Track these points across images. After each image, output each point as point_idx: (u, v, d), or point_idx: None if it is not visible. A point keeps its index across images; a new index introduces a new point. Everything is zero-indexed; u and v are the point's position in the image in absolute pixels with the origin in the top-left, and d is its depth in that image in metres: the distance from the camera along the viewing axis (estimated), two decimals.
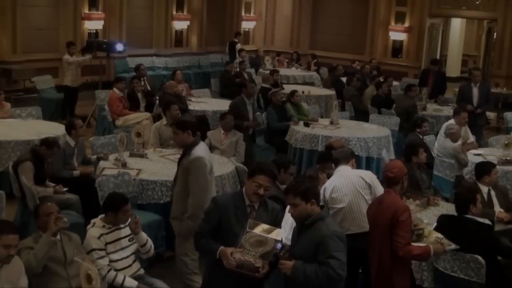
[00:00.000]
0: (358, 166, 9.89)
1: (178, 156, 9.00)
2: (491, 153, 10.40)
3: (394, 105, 14.08)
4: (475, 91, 12.49)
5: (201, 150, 6.33)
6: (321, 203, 5.94)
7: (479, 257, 6.21)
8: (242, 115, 10.13)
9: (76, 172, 8.44)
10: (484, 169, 7.77)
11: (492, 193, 7.70)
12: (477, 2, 21.29)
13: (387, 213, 5.58)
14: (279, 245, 4.78)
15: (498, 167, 8.74)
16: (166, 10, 20.87)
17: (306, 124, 11.73)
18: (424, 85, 15.68)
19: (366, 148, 11.00)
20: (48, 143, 8.14)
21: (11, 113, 11.19)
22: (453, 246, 6.13)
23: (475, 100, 12.49)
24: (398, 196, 5.73)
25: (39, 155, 8.00)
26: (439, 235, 6.15)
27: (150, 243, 5.99)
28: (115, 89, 12.43)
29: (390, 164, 5.98)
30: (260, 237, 4.73)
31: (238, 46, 21.25)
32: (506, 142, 10.37)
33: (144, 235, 5.91)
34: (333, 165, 6.71)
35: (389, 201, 5.69)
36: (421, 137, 10.58)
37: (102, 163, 8.61)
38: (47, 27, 17.60)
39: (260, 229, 4.76)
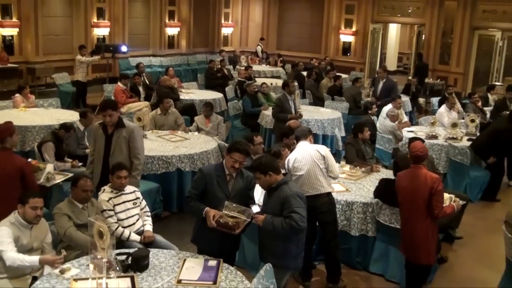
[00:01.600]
0: (316, 141, 9.95)
1: (171, 136, 9.09)
2: (420, 130, 10.55)
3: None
4: (380, 86, 12.30)
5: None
6: (286, 171, 6.02)
7: None
8: (285, 109, 9.96)
9: (87, 150, 8.40)
10: (413, 141, 7.85)
11: None
12: (409, 11, 21.41)
13: (426, 184, 5.59)
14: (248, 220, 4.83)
15: (426, 141, 8.85)
16: (160, 19, 20.80)
17: None
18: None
19: (322, 128, 11.06)
20: (66, 127, 8.15)
21: (35, 104, 11.18)
22: (461, 202, 6.36)
23: (378, 92, 12.28)
24: (427, 170, 5.81)
25: (59, 137, 8.01)
26: (452, 195, 6.27)
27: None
28: (119, 83, 12.41)
29: (417, 145, 5.91)
30: (234, 214, 4.79)
31: (259, 48, 21.55)
32: (432, 121, 10.51)
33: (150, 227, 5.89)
34: (295, 141, 6.75)
35: (425, 175, 5.69)
36: (372, 117, 10.70)
37: None
38: (63, 34, 17.48)
39: (235, 209, 4.81)
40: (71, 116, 10.13)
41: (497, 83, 17.57)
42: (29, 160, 7.05)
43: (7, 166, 5.85)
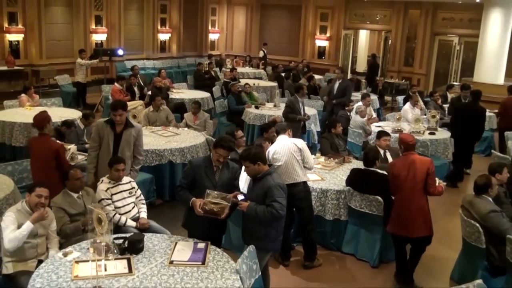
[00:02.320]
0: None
1: (164, 132, 9.06)
2: (387, 125, 10.58)
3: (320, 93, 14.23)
4: (336, 85, 12.08)
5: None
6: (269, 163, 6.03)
7: (379, 197, 6.34)
8: (295, 110, 9.82)
9: (87, 145, 8.35)
10: (380, 136, 7.90)
11: (387, 153, 7.83)
12: (377, 18, 21.49)
13: (424, 167, 5.82)
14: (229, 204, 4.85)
15: (392, 134, 8.90)
16: (153, 26, 20.67)
17: (257, 107, 11.80)
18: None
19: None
20: (67, 124, 8.14)
21: (39, 103, 11.06)
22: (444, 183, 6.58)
23: (334, 92, 12.03)
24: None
25: (61, 132, 7.97)
26: (437, 178, 6.33)
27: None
28: (116, 84, 12.33)
29: (406, 137, 6.16)
30: (216, 201, 4.79)
31: (261, 53, 21.34)
32: (397, 117, 10.56)
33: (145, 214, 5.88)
34: (275, 134, 6.77)
35: (419, 159, 5.98)
36: (349, 113, 10.71)
37: None
38: (65, 39, 17.34)
39: (217, 196, 4.81)
40: (72, 114, 10.06)
41: (455, 83, 17.65)
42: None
43: (46, 149, 6.37)
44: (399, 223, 5.93)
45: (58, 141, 7.28)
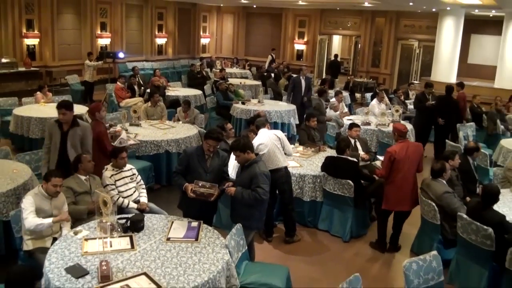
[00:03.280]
0: (275, 127, 10.00)
1: (161, 125, 9.01)
2: (357, 118, 10.59)
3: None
4: (303, 82, 11.93)
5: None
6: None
7: (350, 181, 6.37)
8: (323, 112, 9.72)
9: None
10: (351, 127, 7.93)
11: (358, 142, 7.86)
12: (348, 25, 21.50)
13: (418, 151, 6.10)
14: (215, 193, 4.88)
15: (361, 126, 8.94)
16: (151, 31, 20.51)
17: (243, 103, 11.74)
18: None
19: (280, 117, 11.05)
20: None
21: (52, 99, 10.94)
22: None
23: (303, 88, 11.89)
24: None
25: None
26: None
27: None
28: (118, 83, 12.23)
29: (399, 126, 6.25)
30: (203, 190, 4.83)
31: (269, 58, 20.91)
32: (366, 112, 10.61)
33: (145, 199, 5.81)
34: (255, 128, 6.78)
35: (413, 144, 6.23)
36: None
37: (112, 130, 8.45)
38: (74, 43, 17.18)
39: (204, 185, 4.85)
40: (81, 109, 9.89)
41: (415, 82, 17.81)
42: (113, 128, 7.72)
43: (93, 132, 6.22)
44: (397, 200, 6.01)
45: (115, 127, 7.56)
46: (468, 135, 10.05)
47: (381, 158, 7.22)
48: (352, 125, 7.99)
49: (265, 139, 6.19)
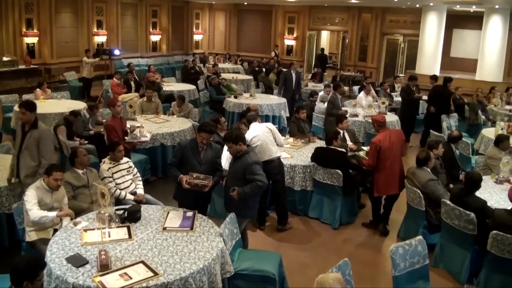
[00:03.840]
0: (267, 120, 9.99)
1: (156, 119, 8.96)
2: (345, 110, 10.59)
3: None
4: (294, 76, 11.96)
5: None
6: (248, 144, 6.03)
7: (338, 171, 6.38)
8: (337, 106, 9.49)
9: (92, 132, 8.21)
10: (340, 119, 7.92)
11: (346, 133, 7.86)
12: (336, 21, 21.46)
13: (400, 138, 6.28)
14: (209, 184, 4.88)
15: (349, 118, 8.94)
16: (146, 29, 20.37)
17: (235, 97, 11.71)
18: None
19: (271, 110, 11.04)
20: (74, 113, 7.98)
21: (51, 96, 10.85)
22: None
23: (294, 82, 11.91)
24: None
25: (69, 121, 7.79)
26: None
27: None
28: (114, 79, 12.16)
29: (378, 117, 6.50)
30: (197, 181, 4.83)
31: (272, 54, 20.86)
32: (353, 104, 10.64)
33: (142, 191, 5.78)
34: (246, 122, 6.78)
35: (394, 131, 6.45)
36: (314, 103, 10.66)
37: (132, 125, 8.40)
38: (71, 41, 17.02)
39: (198, 177, 4.86)
40: (78, 105, 9.88)
41: (400, 75, 17.82)
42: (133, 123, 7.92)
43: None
44: (388, 186, 6.16)
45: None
46: (451, 125, 10.09)
47: (365, 148, 7.26)
48: (341, 117, 7.97)
49: (258, 132, 6.20)
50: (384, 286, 5.10)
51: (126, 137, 6.84)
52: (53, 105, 9.93)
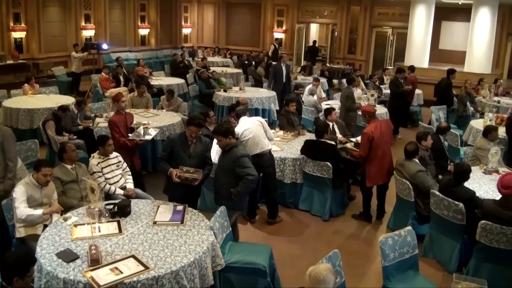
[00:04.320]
0: (256, 114, 9.99)
1: (146, 113, 8.91)
2: (335, 103, 10.57)
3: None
4: (284, 69, 11.91)
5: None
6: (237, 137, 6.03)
7: (328, 163, 6.40)
8: (353, 100, 9.40)
9: (80, 127, 8.15)
10: (329, 112, 7.94)
11: (335, 126, 7.88)
12: (325, 14, 21.40)
13: (389, 127, 6.43)
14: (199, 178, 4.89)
15: (337, 110, 8.95)
16: (134, 22, 20.18)
17: (225, 91, 11.67)
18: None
19: (261, 103, 11.01)
20: (63, 108, 7.92)
21: (39, 91, 10.71)
22: None
23: (284, 75, 11.86)
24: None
25: (58, 116, 7.74)
26: None
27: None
28: (103, 73, 12.02)
29: (368, 108, 6.62)
30: (187, 175, 4.84)
31: (272, 47, 20.63)
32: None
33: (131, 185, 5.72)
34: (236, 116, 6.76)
35: (383, 121, 6.60)
36: (301, 95, 10.64)
37: (97, 119, 8.36)
38: (60, 35, 16.81)
39: (188, 170, 4.86)
40: (67, 100, 9.78)
41: (389, 67, 17.87)
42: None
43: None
44: (380, 175, 6.25)
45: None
46: (440, 117, 10.15)
47: (353, 139, 7.29)
48: (331, 110, 7.99)
49: (250, 125, 6.20)
50: (374, 277, 5.15)
51: (130, 134, 6.78)
52: (41, 100, 9.82)
